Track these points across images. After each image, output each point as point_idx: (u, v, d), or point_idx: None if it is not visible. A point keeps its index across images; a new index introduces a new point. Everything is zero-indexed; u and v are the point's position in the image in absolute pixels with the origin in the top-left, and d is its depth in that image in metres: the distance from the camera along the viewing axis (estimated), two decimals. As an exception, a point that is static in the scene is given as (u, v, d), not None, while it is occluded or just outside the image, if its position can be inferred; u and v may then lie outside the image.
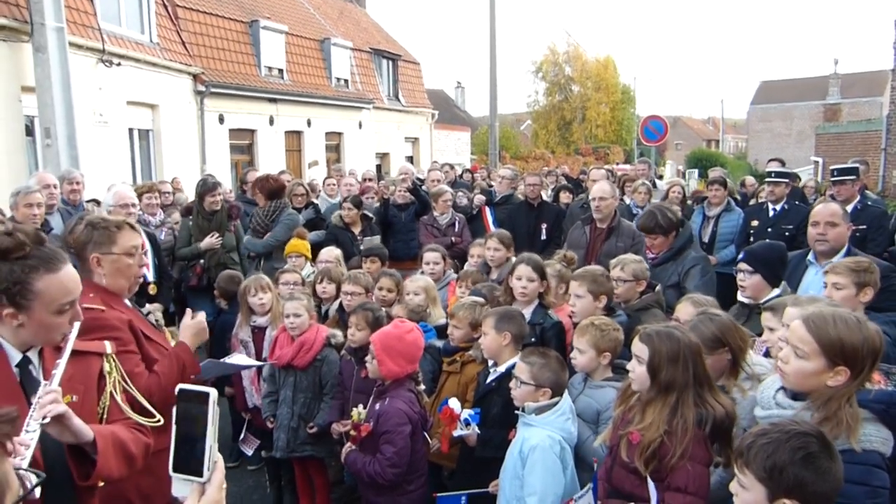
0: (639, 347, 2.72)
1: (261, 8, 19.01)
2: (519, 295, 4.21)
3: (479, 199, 8.54)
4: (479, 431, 3.52)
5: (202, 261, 6.62)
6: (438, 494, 3.48)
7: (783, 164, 9.46)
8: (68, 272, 2.08)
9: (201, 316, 3.06)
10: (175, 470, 1.42)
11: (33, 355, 2.09)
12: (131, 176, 13.32)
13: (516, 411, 3.25)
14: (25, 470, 1.55)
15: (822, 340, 2.26)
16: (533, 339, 3.92)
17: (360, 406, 3.80)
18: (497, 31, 20.11)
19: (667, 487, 2.55)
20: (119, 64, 12.67)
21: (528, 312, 4.11)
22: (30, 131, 10.86)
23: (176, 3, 15.55)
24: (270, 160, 17.33)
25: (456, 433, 3.53)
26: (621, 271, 4.29)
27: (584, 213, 7.47)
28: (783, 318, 2.98)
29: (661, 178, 18.79)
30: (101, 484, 2.04)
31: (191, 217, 6.88)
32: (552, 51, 51.73)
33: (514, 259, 5.50)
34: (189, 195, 10.51)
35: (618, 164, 31.82)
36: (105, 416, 2.19)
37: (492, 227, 7.91)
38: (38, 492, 1.50)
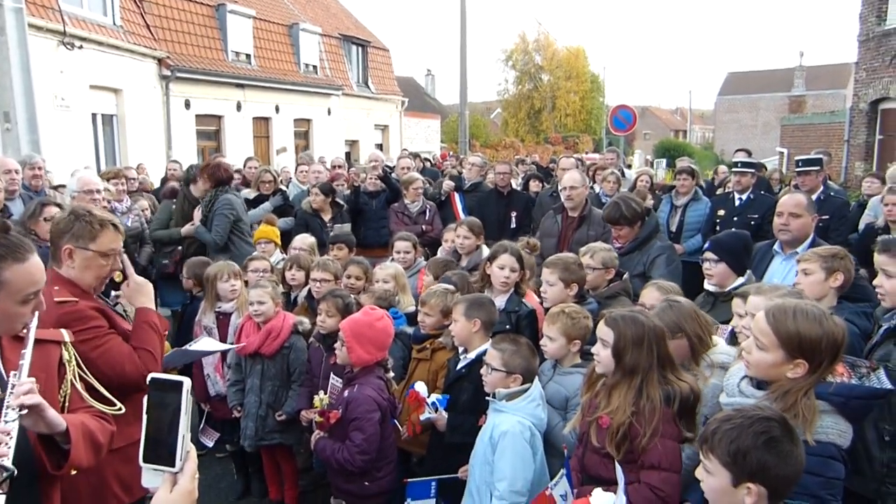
0: (604, 331, 2.75)
1: (227, -9, 18.68)
2: (500, 284, 4.22)
3: (447, 184, 8.45)
4: (445, 415, 3.54)
5: (180, 248, 6.50)
6: (409, 480, 3.49)
7: (749, 154, 9.60)
8: (35, 262, 2.05)
9: (136, 277, 3.01)
10: (145, 460, 1.39)
11: None
12: (95, 161, 13.02)
13: (487, 397, 3.27)
14: None
15: (780, 333, 2.29)
16: (507, 327, 3.94)
17: (322, 392, 3.79)
18: (467, 18, 20.07)
19: (641, 466, 2.60)
20: (81, 47, 12.36)
21: (502, 300, 4.13)
22: (-12, 115, 10.54)
23: (139, -16, 15.21)
24: (238, 146, 17.09)
25: (423, 417, 3.54)
26: (591, 259, 4.32)
27: (554, 202, 7.54)
28: (746, 307, 3.03)
29: (629, 167, 18.97)
30: (74, 472, 2.03)
31: (174, 201, 6.74)
32: (522, 39, 51.89)
33: (483, 247, 5.55)
34: (154, 181, 10.35)
35: (587, 152, 32.08)
36: (66, 403, 2.17)
37: (461, 214, 7.90)
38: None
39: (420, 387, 3.59)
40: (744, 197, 6.93)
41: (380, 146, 25.20)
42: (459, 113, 23.43)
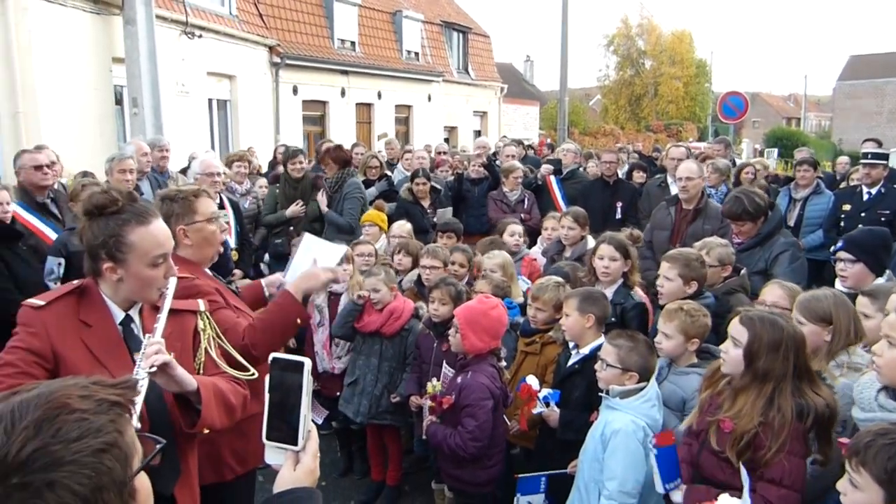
0: (738, 330, 2.61)
1: (335, -19, 19.09)
2: (601, 275, 4.14)
3: (546, 168, 8.23)
4: (558, 411, 3.50)
5: (291, 228, 6.75)
6: (519, 476, 3.48)
7: (880, 144, 8.93)
8: (158, 225, 2.15)
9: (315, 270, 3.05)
10: (269, 438, 1.42)
11: (134, 314, 2.18)
12: (210, 144, 13.69)
13: (599, 394, 3.21)
14: (146, 435, 1.62)
15: None
16: (613, 319, 3.85)
17: (434, 379, 3.83)
18: (569, 2, 19.64)
19: (760, 477, 2.47)
20: (200, 36, 12.98)
21: (610, 292, 4.04)
22: (118, 100, 11.27)
23: (254, -25, 15.78)
24: (341, 131, 17.52)
25: (535, 411, 3.51)
26: (706, 255, 4.15)
27: (663, 193, 7.29)
28: (888, 305, 2.82)
29: (738, 156, 18.11)
30: (206, 431, 2.11)
31: (277, 185, 7.02)
32: (625, 23, 50.37)
33: (589, 238, 5.45)
34: (262, 164, 10.76)
35: (690, 141, 30.89)
36: (201, 371, 2.26)
37: (560, 202, 7.80)
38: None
39: (532, 380, 3.56)
40: (873, 191, 6.49)
41: (478, 133, 25.18)
42: (559, 99, 23.03)
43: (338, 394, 4.54)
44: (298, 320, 2.86)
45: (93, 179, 5.69)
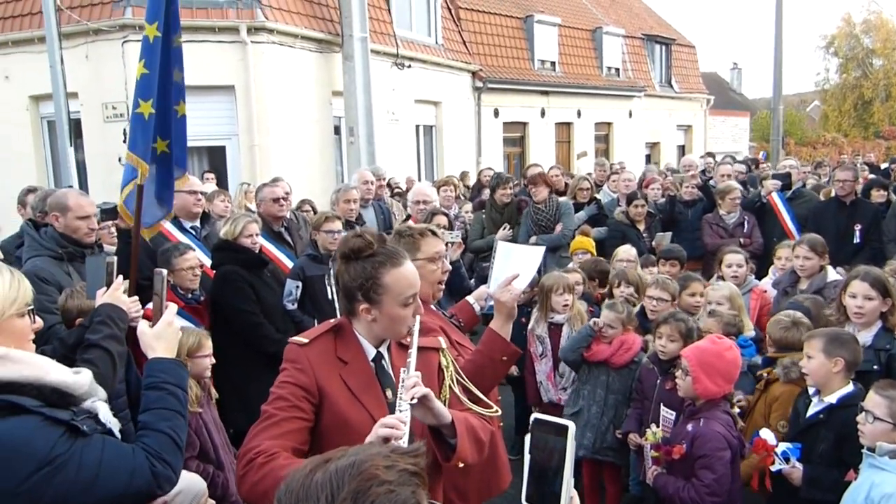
0: None
1: (535, 2, 19.28)
2: (854, 315, 3.69)
3: (772, 184, 7.47)
4: (800, 467, 3.16)
5: None
6: None
7: None
8: (409, 266, 2.23)
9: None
10: (528, 500, 1.40)
11: (384, 350, 2.28)
12: (416, 169, 14.39)
13: (863, 451, 2.83)
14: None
15: None
16: (875, 367, 3.41)
17: (654, 425, 3.63)
18: (783, 3, 18.13)
19: None
20: (410, 66, 13.72)
21: (868, 336, 3.60)
22: (336, 130, 12.22)
23: (458, 4, 16.40)
24: (541, 152, 17.60)
25: (774, 468, 3.20)
26: None
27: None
28: None
29: None
30: (461, 465, 2.13)
31: (483, 211, 7.16)
32: (847, 22, 45.49)
33: (830, 269, 4.91)
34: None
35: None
36: (447, 407, 2.28)
37: (790, 225, 7.14)
38: None
39: (766, 434, 3.26)
40: None
41: (682, 148, 24.07)
42: (772, 108, 21.33)
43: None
44: (505, 357, 2.76)
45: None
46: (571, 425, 1.39)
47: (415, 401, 1.95)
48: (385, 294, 2.16)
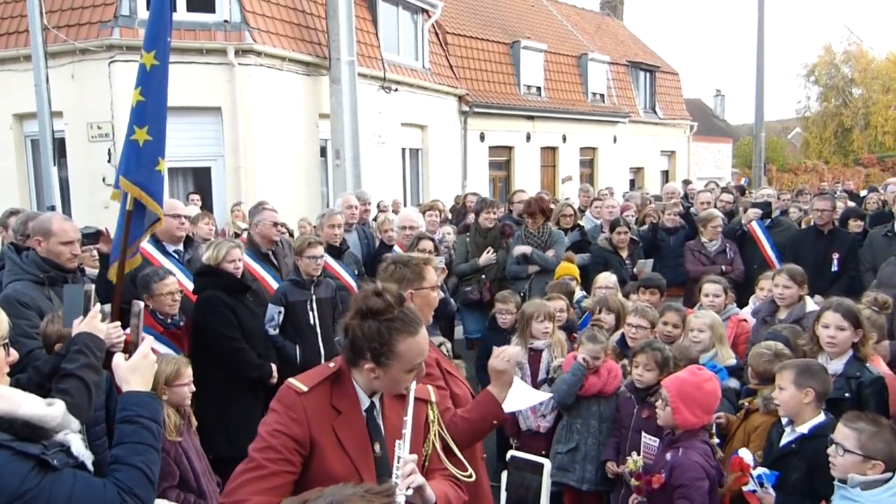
0: None
1: (522, 28, 19.56)
2: (826, 345, 3.75)
3: (753, 212, 7.48)
4: (773, 494, 3.19)
5: (483, 276, 6.88)
6: None
7: None
8: (423, 334, 2.17)
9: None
10: None
11: (376, 400, 2.24)
12: (402, 192, 14.44)
13: (835, 482, 2.87)
14: None
15: None
16: (847, 395, 3.46)
17: (634, 454, 3.65)
18: (764, 32, 18.48)
19: None
20: (396, 90, 13.83)
21: (839, 364, 3.65)
22: (323, 152, 12.27)
23: (446, 29, 16.59)
24: (526, 176, 17.74)
25: (746, 488, 3.23)
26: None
27: (890, 244, 6.53)
28: None
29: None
30: None
31: (468, 234, 7.20)
32: (828, 51, 46.39)
33: (808, 299, 4.98)
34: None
35: (910, 177, 27.59)
36: (426, 463, 2.27)
37: (770, 253, 7.25)
38: None
39: (745, 454, 3.30)
40: None
41: (665, 173, 24.34)
42: (754, 135, 21.65)
43: (543, 453, 4.44)
44: (495, 421, 2.75)
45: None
46: (547, 463, 1.42)
47: (410, 491, 1.92)
48: (395, 360, 2.11)
